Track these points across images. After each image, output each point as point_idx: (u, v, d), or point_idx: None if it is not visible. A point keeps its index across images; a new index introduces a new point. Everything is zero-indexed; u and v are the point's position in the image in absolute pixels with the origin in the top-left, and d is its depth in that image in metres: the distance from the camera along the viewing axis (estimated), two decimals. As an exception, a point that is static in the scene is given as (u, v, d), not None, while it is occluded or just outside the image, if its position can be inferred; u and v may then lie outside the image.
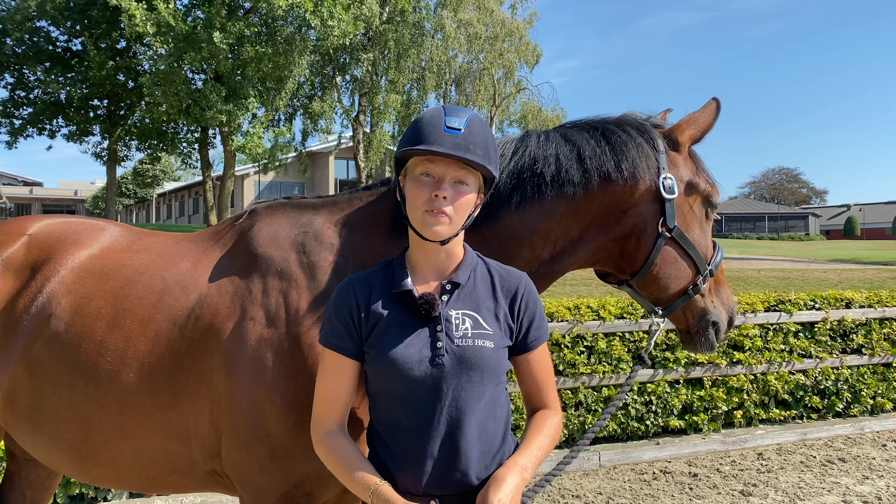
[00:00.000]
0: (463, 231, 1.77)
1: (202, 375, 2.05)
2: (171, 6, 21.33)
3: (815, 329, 6.79)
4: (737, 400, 6.43)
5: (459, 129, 1.68)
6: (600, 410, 5.92)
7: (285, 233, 2.18)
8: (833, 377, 6.84)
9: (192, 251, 2.30)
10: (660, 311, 2.34)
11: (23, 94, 28.23)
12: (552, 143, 2.19)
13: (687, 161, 2.30)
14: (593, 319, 5.99)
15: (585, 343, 5.95)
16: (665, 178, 2.19)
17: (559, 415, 1.84)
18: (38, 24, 26.68)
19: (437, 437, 1.66)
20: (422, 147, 1.66)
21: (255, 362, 1.98)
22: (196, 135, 28.60)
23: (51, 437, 2.23)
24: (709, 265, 2.30)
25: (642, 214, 2.21)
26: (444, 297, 1.73)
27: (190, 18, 22.75)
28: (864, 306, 7.03)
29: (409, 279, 1.75)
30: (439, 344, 1.68)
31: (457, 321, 1.71)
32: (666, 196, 2.18)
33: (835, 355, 6.82)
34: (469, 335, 1.70)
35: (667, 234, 2.20)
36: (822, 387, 6.82)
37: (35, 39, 26.93)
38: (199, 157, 29.51)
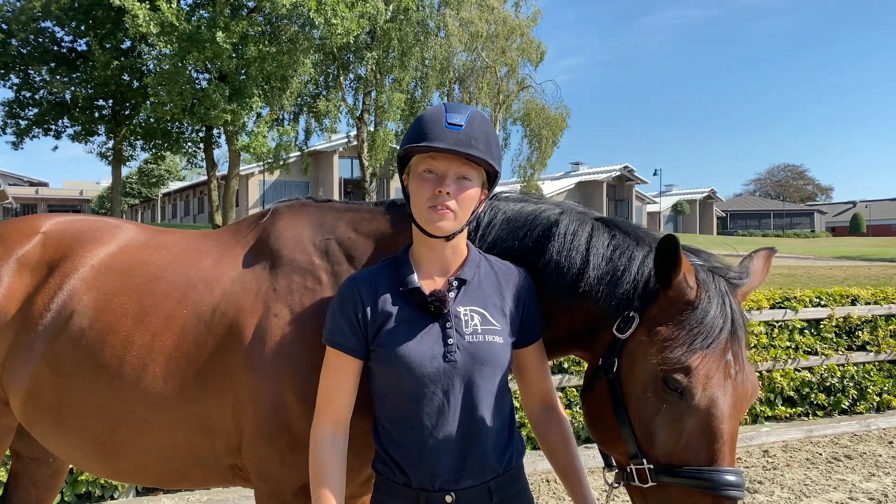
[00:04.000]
0: (467, 227, 1.79)
1: (226, 369, 2.08)
2: (173, 6, 21.36)
3: (821, 326, 6.77)
4: (742, 397, 6.41)
5: (461, 125, 1.69)
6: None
7: (310, 236, 2.21)
8: (839, 374, 6.82)
9: (213, 249, 2.33)
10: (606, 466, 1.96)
11: (28, 94, 28.31)
12: (578, 239, 1.97)
13: (670, 307, 1.77)
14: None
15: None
16: (628, 312, 1.82)
17: (562, 407, 1.95)
18: (42, 25, 26.75)
19: (452, 432, 1.69)
20: (423, 144, 1.68)
21: (278, 357, 2.01)
22: (200, 134, 28.67)
23: (75, 433, 2.26)
24: (653, 460, 1.72)
25: (604, 340, 1.88)
26: (452, 294, 1.75)
27: (194, 18, 22.78)
28: (869, 303, 7.01)
29: (415, 276, 1.76)
30: (450, 340, 1.70)
31: (466, 318, 1.74)
32: (614, 332, 1.82)
33: (840, 352, 6.80)
34: (479, 331, 1.73)
35: (604, 374, 1.83)
36: (828, 384, 6.80)
37: (40, 40, 27.01)
38: (203, 157, 29.58)
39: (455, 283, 1.76)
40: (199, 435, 2.14)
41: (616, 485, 1.85)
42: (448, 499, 1.68)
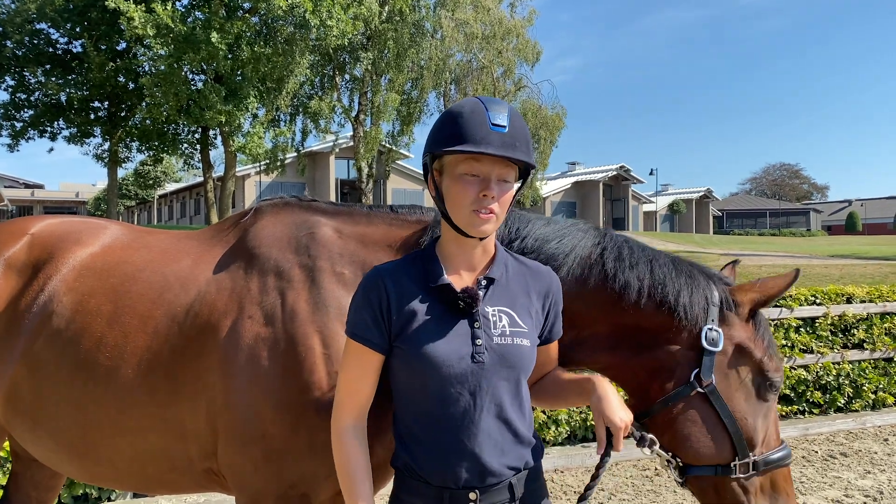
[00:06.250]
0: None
1: (199, 373, 2.04)
2: (169, 8, 21.35)
3: (816, 324, 6.80)
4: (738, 396, 6.43)
5: (505, 127, 1.63)
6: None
7: (289, 233, 2.16)
8: (834, 372, 6.85)
9: (194, 248, 2.29)
10: (676, 463, 2.04)
11: (23, 96, 28.26)
12: (636, 262, 2.09)
13: (745, 326, 2.08)
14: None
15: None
16: (710, 329, 2.00)
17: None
18: (38, 27, 26.70)
19: (477, 432, 1.67)
20: (471, 149, 1.61)
21: (251, 361, 1.97)
22: (196, 136, 28.64)
23: (51, 435, 2.24)
24: (754, 454, 2.01)
25: (675, 356, 2.03)
26: (480, 293, 1.72)
27: (189, 19, 22.76)
28: (864, 301, 7.04)
29: (444, 273, 1.72)
30: (479, 341, 1.67)
31: (494, 318, 1.71)
32: (706, 346, 1.99)
33: (836, 350, 6.83)
34: (507, 333, 1.71)
35: (699, 388, 1.98)
36: (824, 382, 6.83)
37: (35, 42, 26.96)
38: (200, 158, 29.54)
39: (484, 283, 1.73)
40: (172, 439, 2.09)
41: (680, 481, 2.07)
42: (472, 496, 1.66)
